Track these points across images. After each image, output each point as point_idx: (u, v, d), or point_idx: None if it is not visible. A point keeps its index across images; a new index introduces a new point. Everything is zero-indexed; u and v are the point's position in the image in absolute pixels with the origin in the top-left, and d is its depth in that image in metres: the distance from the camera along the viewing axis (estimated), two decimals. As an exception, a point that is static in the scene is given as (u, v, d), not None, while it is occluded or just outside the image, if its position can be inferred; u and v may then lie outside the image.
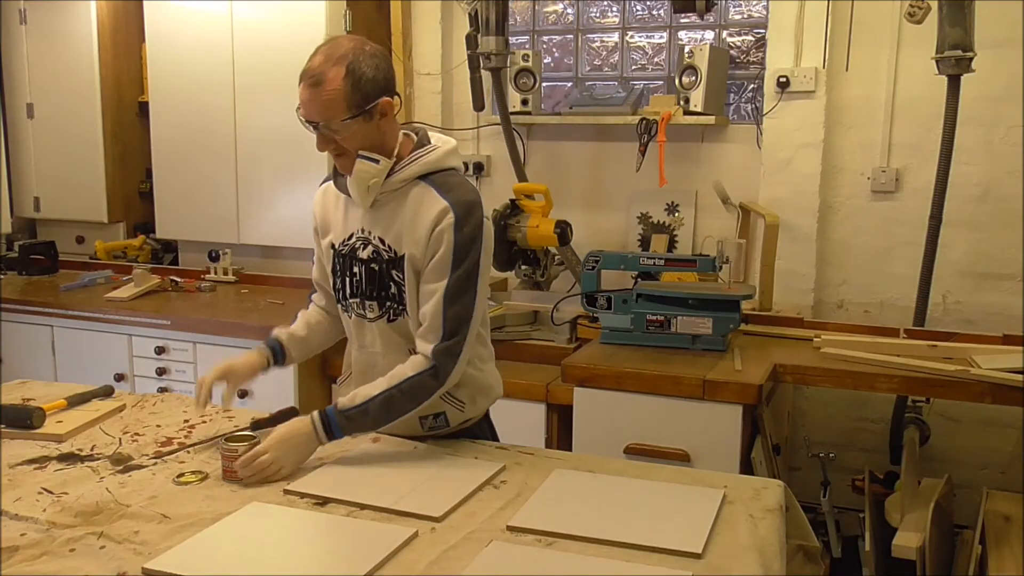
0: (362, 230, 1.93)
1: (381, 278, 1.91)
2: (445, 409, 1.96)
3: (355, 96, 1.77)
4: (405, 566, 1.42)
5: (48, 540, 1.49)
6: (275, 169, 3.73)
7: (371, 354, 1.99)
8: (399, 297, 1.90)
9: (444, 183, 1.86)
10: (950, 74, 2.76)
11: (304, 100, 1.79)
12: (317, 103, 1.77)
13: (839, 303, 3.44)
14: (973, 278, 3.23)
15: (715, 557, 1.46)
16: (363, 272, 1.93)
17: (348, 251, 1.95)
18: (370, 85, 1.78)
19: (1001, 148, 3.15)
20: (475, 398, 2.00)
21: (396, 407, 1.84)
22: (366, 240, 1.92)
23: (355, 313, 1.98)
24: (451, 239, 1.81)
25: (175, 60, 3.83)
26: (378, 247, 1.90)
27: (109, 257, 4.10)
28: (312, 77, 1.76)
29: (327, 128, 1.79)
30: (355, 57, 1.77)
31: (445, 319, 1.82)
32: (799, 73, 3.29)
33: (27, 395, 2.22)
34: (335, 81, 1.75)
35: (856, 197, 3.36)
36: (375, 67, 1.79)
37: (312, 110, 1.78)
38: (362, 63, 1.77)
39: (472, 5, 3.44)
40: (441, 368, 1.83)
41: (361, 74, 1.77)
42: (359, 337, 2.01)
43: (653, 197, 3.62)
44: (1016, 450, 3.16)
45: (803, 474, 3.37)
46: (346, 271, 1.96)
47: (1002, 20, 3.02)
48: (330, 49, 1.78)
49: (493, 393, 2.07)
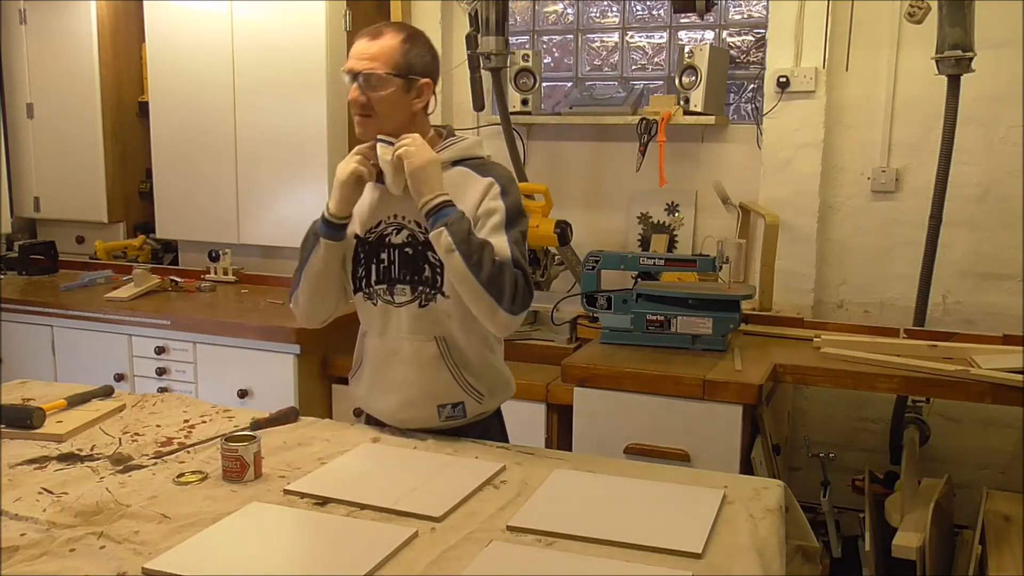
0: (395, 215, 1.96)
1: (415, 261, 1.94)
2: (464, 399, 1.98)
3: (404, 59, 1.87)
4: (405, 566, 1.42)
5: (48, 540, 1.49)
6: (275, 169, 3.73)
7: (394, 340, 1.98)
8: (432, 280, 1.93)
9: (480, 166, 1.96)
10: (950, 74, 2.76)
11: (355, 52, 1.88)
12: (369, 51, 1.86)
13: (839, 303, 3.44)
14: (973, 278, 3.24)
15: (715, 557, 1.46)
16: (395, 257, 1.95)
17: (376, 238, 1.98)
18: (420, 60, 1.89)
19: (1001, 148, 3.15)
20: (494, 390, 2.04)
21: (486, 256, 1.81)
22: (400, 225, 1.95)
23: (381, 300, 1.98)
24: (502, 205, 1.89)
25: (175, 60, 3.83)
26: (414, 231, 1.94)
27: (109, 257, 4.10)
28: (372, 31, 1.88)
29: (367, 81, 1.86)
30: (414, 31, 1.92)
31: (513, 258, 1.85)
32: (799, 73, 3.29)
33: (27, 395, 2.22)
34: (392, 38, 1.87)
35: (856, 197, 3.36)
36: (428, 50, 1.92)
37: (362, 57, 1.87)
38: (419, 40, 1.91)
39: (472, 5, 3.44)
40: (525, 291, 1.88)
41: (415, 45, 1.89)
42: (383, 324, 2.00)
43: (653, 197, 3.62)
44: (1016, 450, 3.16)
45: (803, 474, 3.37)
46: (371, 258, 1.98)
47: (1002, 20, 3.02)
48: (391, 23, 1.94)
49: (509, 388, 2.10)
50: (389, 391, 2.01)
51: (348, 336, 2.16)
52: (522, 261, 1.88)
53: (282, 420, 2.08)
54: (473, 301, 1.85)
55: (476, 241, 1.82)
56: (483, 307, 1.85)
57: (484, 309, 1.85)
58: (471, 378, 1.98)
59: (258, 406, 2.79)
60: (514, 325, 1.89)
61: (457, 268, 1.82)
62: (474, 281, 1.81)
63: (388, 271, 1.97)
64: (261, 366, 3.15)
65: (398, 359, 1.97)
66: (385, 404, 2.04)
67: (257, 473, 1.76)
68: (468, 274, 1.81)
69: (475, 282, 1.81)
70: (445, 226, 1.81)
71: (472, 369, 1.98)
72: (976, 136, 3.14)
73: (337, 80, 3.62)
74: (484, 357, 2.00)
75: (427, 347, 1.95)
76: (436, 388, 1.97)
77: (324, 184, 3.63)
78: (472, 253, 1.80)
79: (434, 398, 1.97)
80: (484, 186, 1.90)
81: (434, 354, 1.96)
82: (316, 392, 3.21)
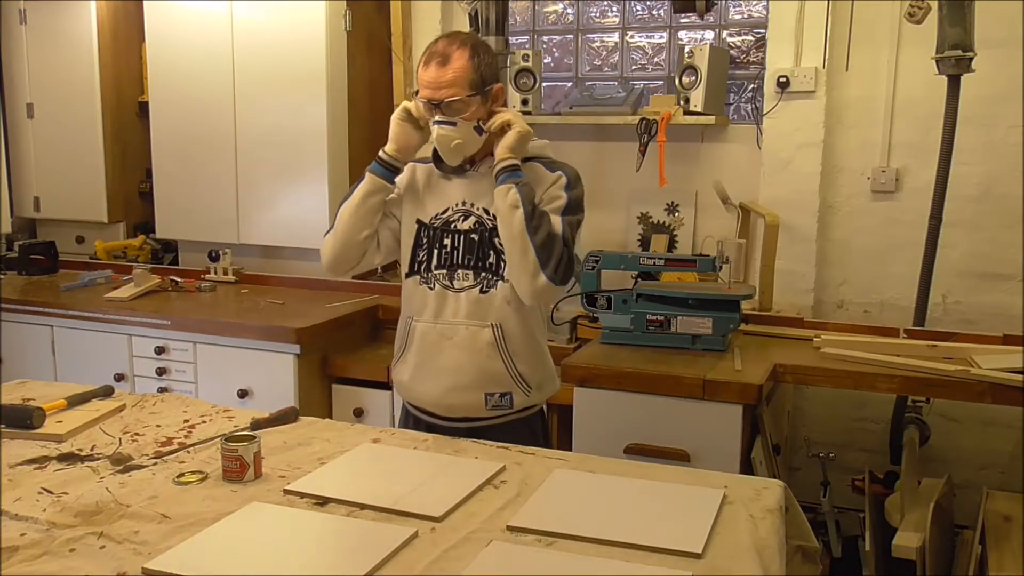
0: (463, 202, 2.04)
1: (481, 247, 2.01)
2: (512, 390, 2.04)
3: (477, 75, 1.94)
4: (405, 566, 1.42)
5: (48, 540, 1.49)
6: (275, 169, 3.73)
7: (449, 326, 2.03)
8: (495, 268, 2.00)
9: (551, 163, 2.06)
10: (950, 74, 2.76)
11: (429, 80, 1.93)
12: (445, 79, 1.92)
13: (839, 303, 3.44)
14: (973, 278, 3.23)
15: (715, 557, 1.46)
16: (461, 242, 2.02)
17: (442, 224, 2.05)
18: (488, 69, 1.97)
19: (1001, 148, 3.15)
20: (542, 384, 2.10)
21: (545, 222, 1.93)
22: (467, 212, 2.03)
23: (439, 284, 2.04)
24: (565, 195, 1.99)
25: (175, 60, 3.83)
26: (482, 217, 2.01)
27: (109, 257, 4.10)
28: (441, 56, 1.93)
29: (449, 107, 1.92)
30: (476, 41, 1.99)
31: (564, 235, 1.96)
32: (799, 73, 3.29)
33: (27, 395, 2.22)
34: (461, 59, 1.93)
35: (856, 197, 3.36)
36: (489, 53, 2.00)
37: (439, 87, 1.92)
38: (481, 48, 1.98)
39: (472, 5, 3.44)
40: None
41: (482, 57, 1.96)
42: (437, 309, 2.05)
43: (653, 197, 3.62)
44: (1016, 450, 3.16)
45: (803, 474, 3.37)
46: (435, 243, 2.04)
47: (1002, 20, 3.02)
48: (451, 37, 1.99)
49: (555, 383, 2.18)
50: (438, 376, 2.06)
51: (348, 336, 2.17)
52: (571, 241, 1.98)
53: (282, 420, 2.08)
54: (519, 261, 1.93)
55: (539, 208, 1.94)
56: (527, 267, 1.92)
57: (528, 270, 1.92)
58: (522, 368, 2.04)
59: (258, 406, 2.79)
60: (548, 295, 1.98)
61: (516, 225, 1.91)
62: (528, 241, 1.90)
63: (451, 256, 2.03)
64: (261, 366, 3.15)
65: (451, 344, 2.02)
66: (432, 388, 2.07)
67: (257, 473, 1.76)
68: (525, 233, 1.90)
69: (528, 242, 1.90)
70: (516, 184, 1.91)
71: (523, 359, 2.04)
72: (976, 136, 3.14)
73: (337, 80, 3.63)
74: (536, 348, 2.06)
75: (483, 333, 2.01)
76: (487, 374, 2.03)
77: (324, 184, 3.63)
78: (533, 215, 1.91)
79: (484, 384, 2.02)
80: (553, 178, 2.01)
81: (488, 340, 2.01)
82: (316, 392, 3.20)
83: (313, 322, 3.15)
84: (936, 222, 2.89)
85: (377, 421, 3.13)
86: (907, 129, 3.26)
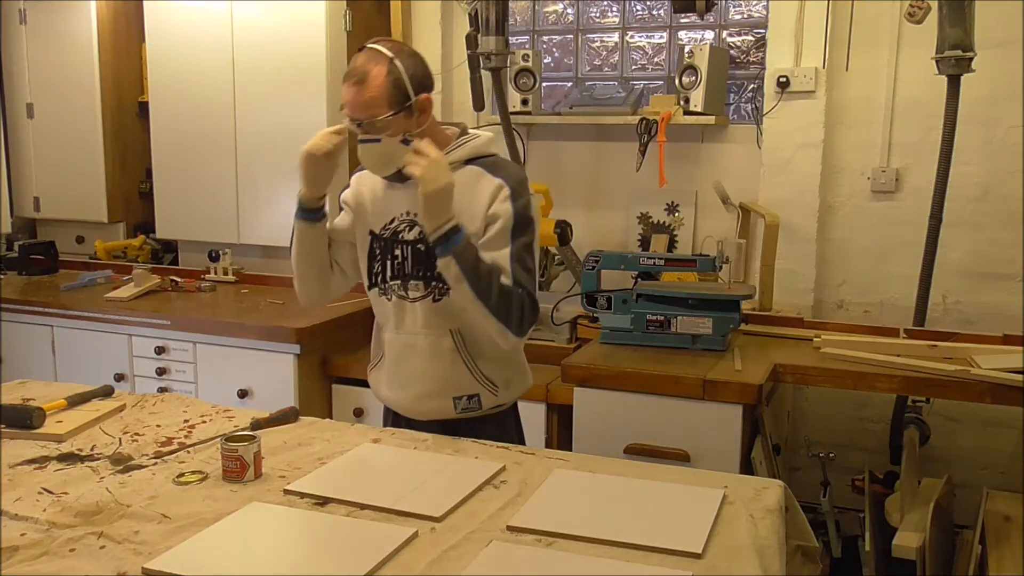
0: (407, 212, 2.00)
1: (429, 257, 1.95)
2: (480, 392, 2.03)
3: (396, 91, 1.87)
4: (405, 566, 1.42)
5: (48, 540, 1.49)
6: (275, 169, 3.72)
7: (410, 335, 2.03)
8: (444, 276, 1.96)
9: (493, 164, 1.97)
10: (950, 74, 2.76)
11: (349, 99, 1.88)
12: (362, 101, 1.86)
13: (839, 303, 3.44)
14: (973, 278, 3.23)
15: (715, 557, 1.46)
16: (409, 253, 1.99)
17: (390, 235, 2.02)
18: (412, 81, 1.89)
19: (1001, 148, 3.15)
20: (509, 382, 2.08)
21: (494, 283, 1.86)
22: (412, 222, 1.99)
23: (395, 295, 2.03)
24: (510, 209, 1.91)
25: (175, 60, 3.83)
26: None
27: (109, 257, 4.10)
28: (356, 76, 1.87)
29: (371, 125, 1.87)
30: (395, 56, 1.88)
31: (516, 279, 1.89)
32: (799, 73, 3.29)
33: (27, 395, 2.22)
34: (378, 77, 1.85)
35: (856, 197, 3.36)
36: (414, 65, 1.91)
37: (357, 108, 1.87)
38: (401, 62, 1.88)
39: (472, 5, 3.44)
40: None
41: (401, 72, 1.87)
42: (397, 319, 2.05)
43: (653, 197, 3.62)
44: (1016, 450, 3.16)
45: (803, 474, 3.37)
46: (387, 254, 2.02)
47: (1002, 20, 3.02)
48: (370, 51, 1.89)
49: (526, 381, 2.15)
50: (406, 384, 2.06)
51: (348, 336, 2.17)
52: (524, 280, 1.91)
53: (282, 420, 2.08)
54: (483, 324, 1.91)
55: (484, 268, 1.85)
56: (492, 329, 1.91)
57: (493, 331, 1.91)
58: (486, 370, 2.02)
59: (258, 406, 2.79)
60: (521, 343, 1.97)
61: (467, 297, 1.86)
62: (483, 308, 1.86)
63: (402, 267, 2.01)
64: (261, 366, 3.15)
65: (414, 352, 2.02)
66: (403, 396, 2.09)
67: (257, 473, 1.76)
68: (477, 302, 1.86)
69: (484, 309, 1.86)
70: (453, 255, 1.83)
71: (487, 361, 2.02)
72: (976, 136, 3.14)
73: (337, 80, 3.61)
74: (499, 349, 2.02)
75: (442, 340, 2.00)
76: (452, 380, 2.02)
77: (324, 184, 3.62)
78: (480, 281, 1.85)
79: (450, 390, 2.02)
80: (494, 188, 1.92)
81: (449, 347, 2.00)
82: (316, 392, 3.20)
83: (313, 322, 3.15)
84: (936, 222, 2.89)
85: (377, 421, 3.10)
86: (907, 129, 3.26)
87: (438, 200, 1.82)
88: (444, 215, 1.83)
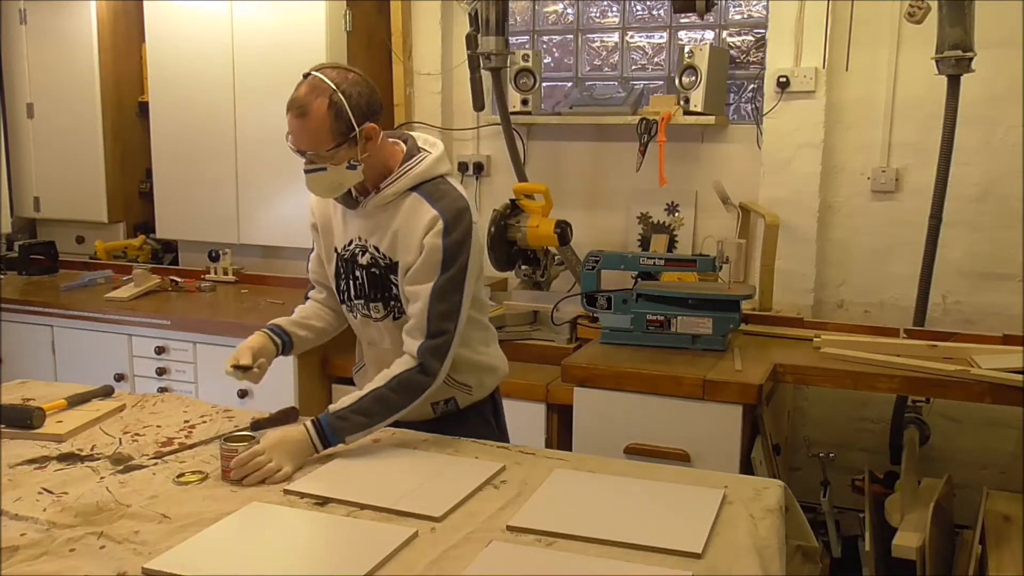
0: (360, 238, 2.00)
1: (383, 281, 1.99)
2: (454, 394, 2.06)
3: (337, 124, 1.82)
4: (405, 566, 1.42)
5: (48, 540, 1.49)
6: (275, 169, 3.72)
7: (381, 350, 2.06)
8: (400, 297, 1.99)
9: (434, 192, 1.93)
10: (950, 74, 2.76)
11: (292, 130, 1.86)
12: (304, 133, 1.84)
13: (839, 303, 3.44)
14: (973, 278, 3.23)
15: (715, 557, 1.46)
16: (364, 276, 2.01)
17: (349, 256, 2.03)
18: (355, 112, 1.83)
19: (1001, 148, 3.15)
20: (482, 380, 2.11)
21: (389, 404, 1.89)
22: (363, 248, 2.00)
23: (360, 314, 2.06)
24: (439, 244, 1.88)
25: (175, 60, 3.83)
26: (374, 255, 1.98)
27: (109, 257, 4.10)
28: (298, 108, 1.83)
29: (316, 158, 1.85)
30: (337, 87, 1.82)
31: (430, 319, 1.89)
32: (799, 73, 3.29)
33: (27, 395, 2.22)
34: (320, 110, 1.81)
35: (856, 197, 3.36)
36: (358, 94, 1.85)
37: (300, 140, 1.85)
38: (344, 92, 1.83)
39: (472, 5, 3.44)
40: (428, 366, 1.90)
41: (343, 103, 1.82)
42: (366, 335, 2.10)
43: (653, 197, 3.62)
44: (1016, 450, 3.16)
45: (803, 474, 3.37)
46: (349, 274, 2.04)
47: (1002, 20, 3.02)
48: (313, 79, 1.84)
49: (499, 372, 2.17)
50: None
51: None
52: (436, 315, 1.89)
53: (282, 420, 2.08)
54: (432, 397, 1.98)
55: (374, 408, 1.87)
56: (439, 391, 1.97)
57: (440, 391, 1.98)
58: (456, 376, 2.04)
59: (258, 406, 2.78)
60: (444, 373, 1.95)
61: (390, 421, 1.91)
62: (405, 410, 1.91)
63: (362, 289, 2.03)
64: (261, 366, 3.14)
65: (385, 365, 2.00)
66: None
67: (257, 473, 1.76)
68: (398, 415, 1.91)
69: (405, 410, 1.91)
70: (349, 434, 1.86)
71: (456, 368, 2.02)
72: (976, 136, 3.14)
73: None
74: (465, 357, 2.05)
75: None
76: None
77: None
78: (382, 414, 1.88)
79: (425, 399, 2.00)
80: (429, 220, 1.89)
81: None
82: (316, 392, 3.20)
83: (313, 322, 3.15)
84: (936, 222, 2.89)
85: (377, 421, 3.13)
86: (907, 129, 3.26)
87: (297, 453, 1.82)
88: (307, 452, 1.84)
